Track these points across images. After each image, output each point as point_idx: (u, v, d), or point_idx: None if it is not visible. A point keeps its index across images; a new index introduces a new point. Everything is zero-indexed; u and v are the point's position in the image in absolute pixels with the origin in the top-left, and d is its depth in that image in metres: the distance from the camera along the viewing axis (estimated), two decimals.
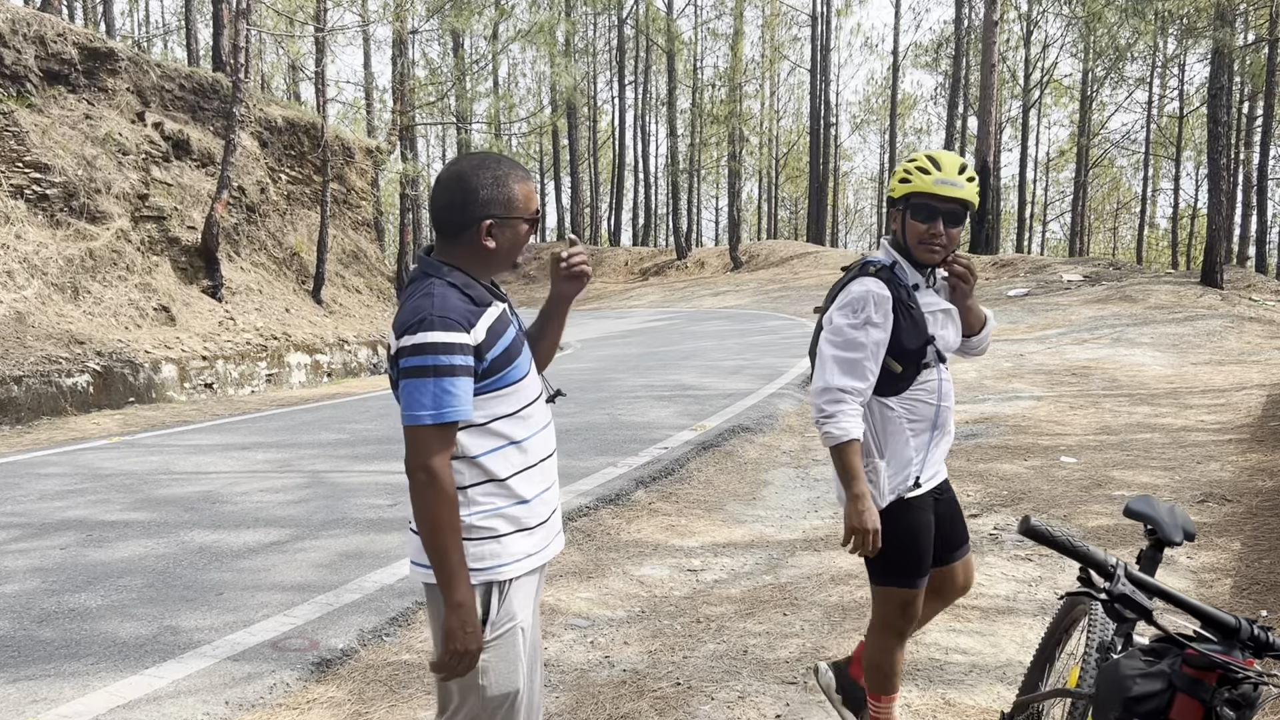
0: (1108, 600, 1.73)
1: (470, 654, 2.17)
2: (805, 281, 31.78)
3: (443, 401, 2.12)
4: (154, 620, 4.54)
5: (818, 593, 5.04)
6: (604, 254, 42.16)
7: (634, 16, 44.43)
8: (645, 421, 9.82)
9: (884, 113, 54.02)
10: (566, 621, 4.66)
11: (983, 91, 31.16)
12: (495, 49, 27.15)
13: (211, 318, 14.48)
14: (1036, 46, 44.79)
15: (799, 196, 62.54)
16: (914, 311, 2.91)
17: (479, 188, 2.26)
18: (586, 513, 6.44)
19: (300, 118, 19.51)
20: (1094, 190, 54.04)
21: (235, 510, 6.57)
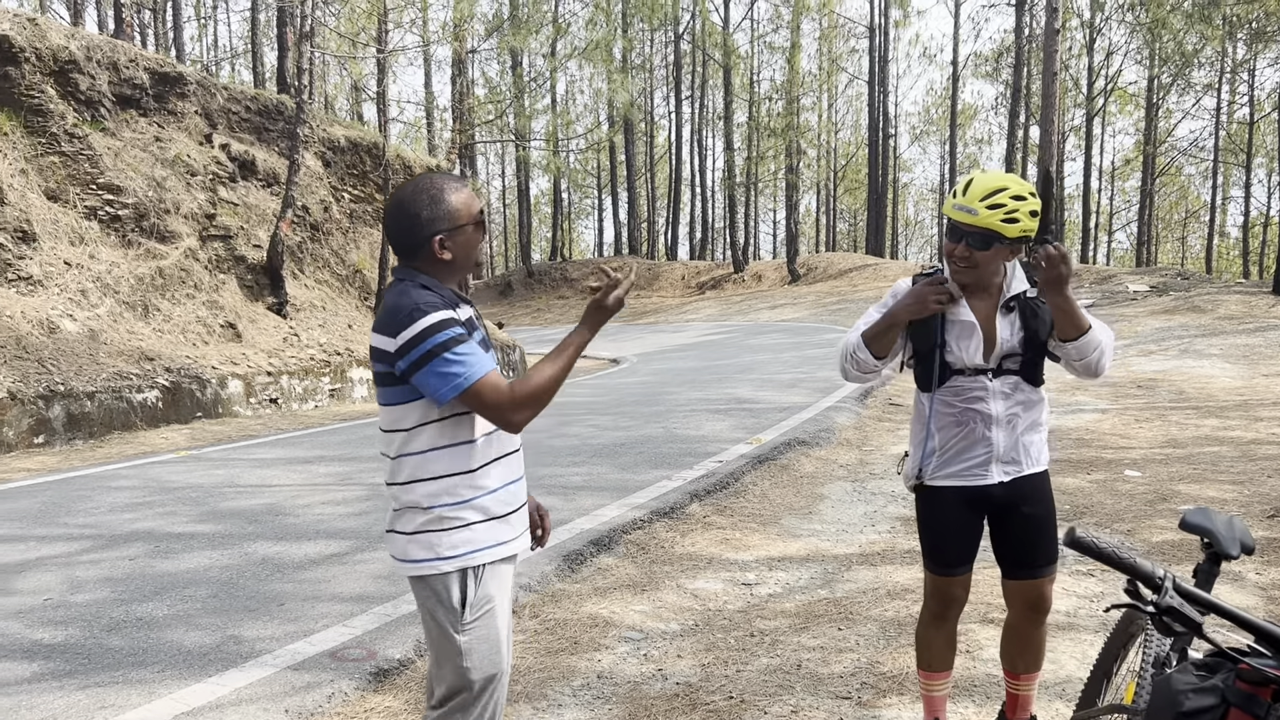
0: (1155, 613, 1.71)
1: (615, 293, 2.51)
2: (865, 294, 31.53)
3: (466, 362, 2.31)
4: (218, 630, 4.65)
5: (873, 607, 5.00)
6: (660, 268, 42.24)
7: (690, 32, 44.57)
8: (700, 435, 9.81)
9: (944, 123, 53.50)
10: (620, 634, 4.68)
11: (1044, 100, 30.70)
12: (553, 66, 27.41)
13: (276, 334, 14.78)
14: (1100, 54, 44.04)
15: (857, 208, 62.14)
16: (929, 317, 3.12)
17: (419, 209, 2.43)
18: (641, 525, 6.46)
19: (362, 137, 19.87)
20: (1161, 199, 52.92)
21: (297, 522, 6.70)
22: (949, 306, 3.10)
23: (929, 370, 3.18)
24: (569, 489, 7.52)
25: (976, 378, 3.13)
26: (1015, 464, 3.19)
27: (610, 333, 28.88)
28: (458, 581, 2.43)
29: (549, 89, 39.90)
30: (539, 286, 42.95)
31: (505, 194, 63.72)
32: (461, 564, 2.42)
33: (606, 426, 10.63)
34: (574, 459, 8.79)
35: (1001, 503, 3.20)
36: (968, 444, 3.17)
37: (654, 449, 9.14)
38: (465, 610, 2.43)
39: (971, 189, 2.98)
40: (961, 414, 3.15)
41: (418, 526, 2.44)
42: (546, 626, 4.79)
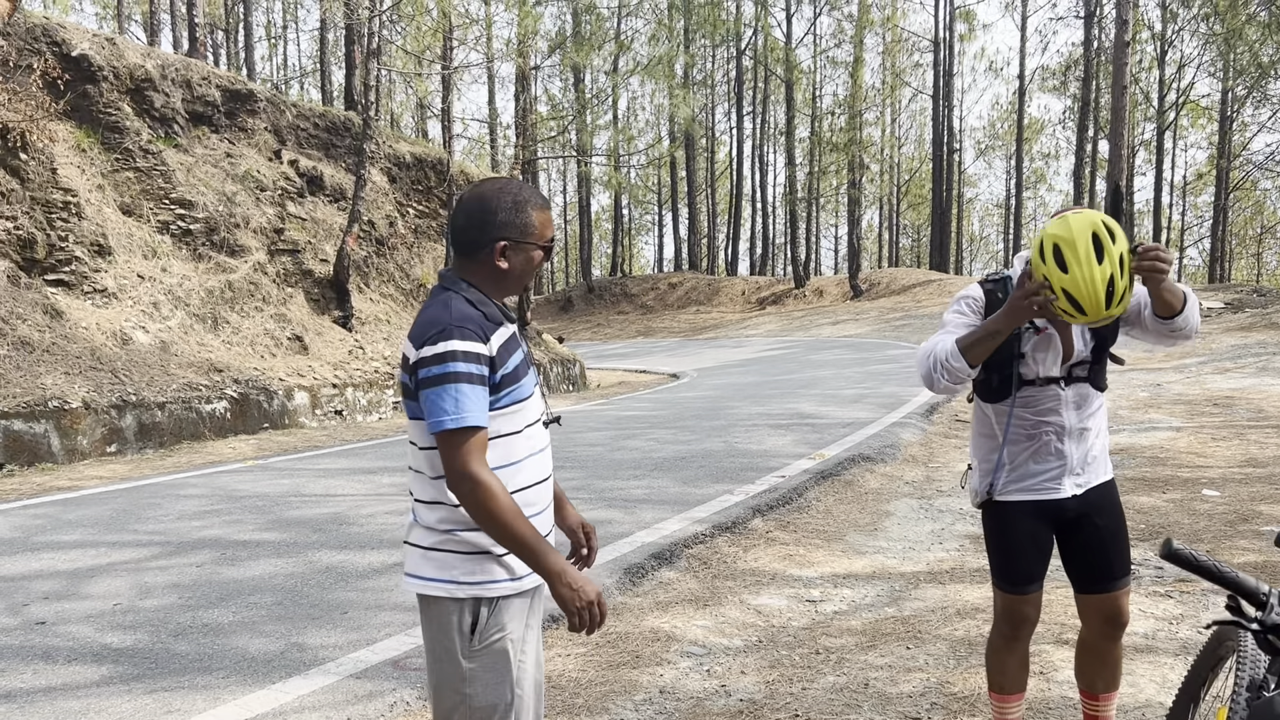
0: (1260, 631, 1.61)
1: (593, 603, 2.23)
2: (928, 310, 31.14)
3: (464, 406, 2.18)
4: (282, 637, 4.67)
5: (942, 626, 4.87)
6: (721, 283, 42.14)
7: (752, 47, 44.54)
8: (762, 450, 9.72)
9: (1010, 138, 52.78)
10: (682, 649, 4.61)
11: (1114, 114, 30.12)
12: (615, 83, 27.53)
13: (342, 347, 14.97)
14: (1171, 67, 43.16)
15: (921, 224, 61.49)
16: None
17: (498, 210, 2.33)
18: (703, 540, 6.39)
19: (427, 154, 20.11)
20: (1235, 214, 51.61)
21: (361, 532, 6.74)
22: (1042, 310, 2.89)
23: (1004, 381, 3.08)
24: (630, 502, 7.48)
25: (1048, 387, 3.05)
26: (1086, 474, 3.11)
27: (670, 348, 28.86)
28: (470, 608, 2.31)
29: (610, 105, 40.11)
30: (599, 302, 43.11)
31: (566, 210, 64.15)
32: (476, 593, 2.30)
33: (667, 440, 10.58)
34: (635, 472, 8.75)
35: (1074, 516, 3.12)
36: (1040, 456, 3.09)
37: (715, 463, 9.06)
38: (474, 637, 2.31)
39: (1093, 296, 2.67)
40: (1034, 426, 3.07)
41: (434, 543, 2.33)
42: (608, 640, 4.74)
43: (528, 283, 2.45)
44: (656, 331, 36.50)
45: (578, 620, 2.24)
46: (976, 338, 2.95)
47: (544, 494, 2.45)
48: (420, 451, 2.36)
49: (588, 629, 2.26)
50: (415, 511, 2.40)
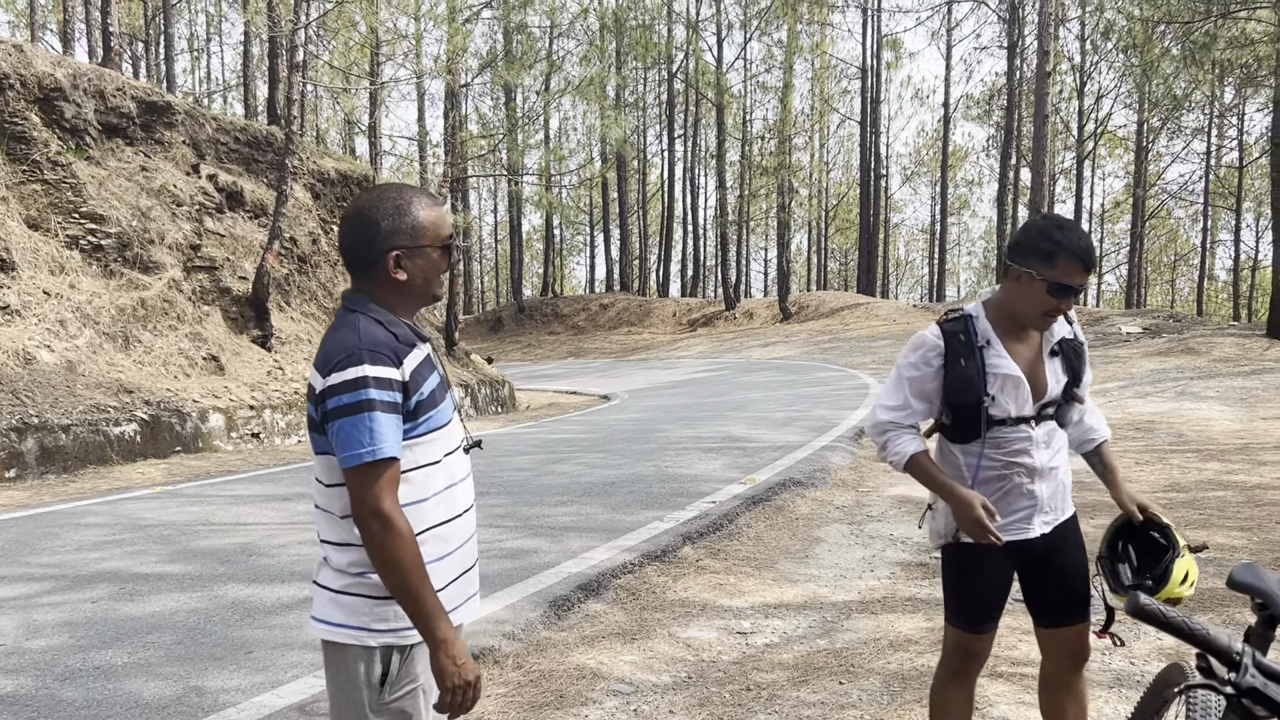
0: (1234, 695, 1.48)
1: (470, 684, 2.06)
2: (856, 333, 31.42)
3: (378, 437, 2.00)
4: (180, 680, 4.36)
5: (876, 659, 4.74)
6: (652, 305, 42.12)
7: (684, 71, 44.76)
8: (693, 474, 9.57)
9: (935, 164, 53.75)
10: (608, 687, 4.41)
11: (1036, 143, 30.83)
12: (546, 102, 27.39)
13: (260, 367, 14.51)
14: (1090, 97, 44.38)
15: (849, 248, 62.25)
16: (966, 367, 2.92)
17: (379, 219, 2.15)
18: (631, 570, 6.19)
19: (353, 170, 19.73)
20: (1151, 242, 53.16)
21: (272, 563, 6.42)
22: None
23: (971, 423, 2.94)
24: (556, 530, 7.26)
25: (1019, 427, 2.93)
26: (1053, 513, 3.03)
27: (601, 369, 28.69)
28: (381, 657, 2.12)
29: (542, 124, 39.94)
30: (530, 322, 42.80)
31: (497, 229, 63.76)
32: (389, 640, 2.12)
33: (596, 464, 10.38)
34: (562, 498, 8.53)
35: (1036, 553, 3.03)
36: (1009, 498, 2.97)
37: (645, 488, 8.88)
38: (385, 688, 2.13)
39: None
40: (1005, 467, 2.95)
41: (344, 586, 2.13)
42: (531, 678, 4.51)
43: (438, 290, 2.24)
44: (588, 352, 36.29)
45: (449, 699, 2.05)
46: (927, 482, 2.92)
47: (464, 527, 2.27)
48: (327, 489, 2.16)
49: (454, 711, 2.08)
50: (325, 552, 2.19)
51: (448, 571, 2.21)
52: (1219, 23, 21.47)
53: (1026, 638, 5.01)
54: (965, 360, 2.92)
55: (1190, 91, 37.27)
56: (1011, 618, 5.34)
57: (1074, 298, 2.84)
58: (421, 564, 2.04)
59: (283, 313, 16.11)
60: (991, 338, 2.94)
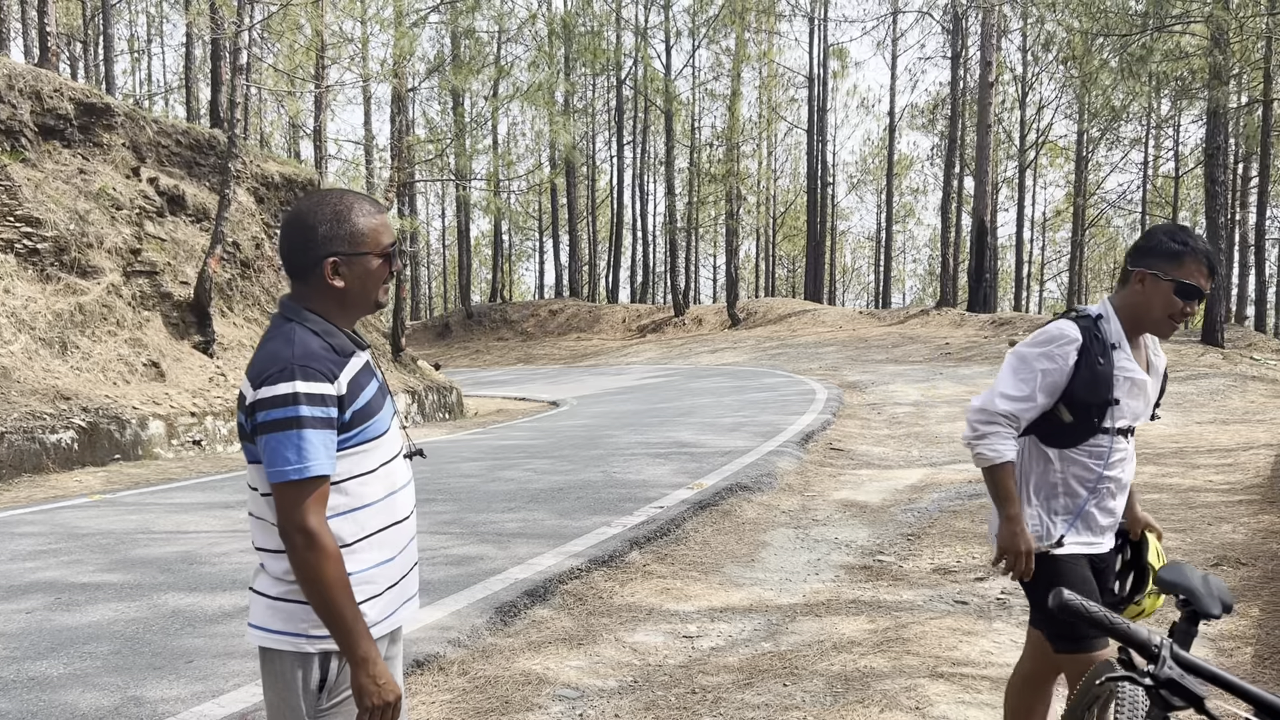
0: (1152, 686, 1.53)
1: (389, 705, 2.06)
2: (803, 339, 31.67)
3: (307, 454, 2.00)
4: (118, 690, 4.29)
5: (819, 661, 4.79)
6: (602, 311, 42.12)
7: (632, 77, 44.87)
8: (641, 480, 9.59)
9: (881, 173, 54.40)
10: (554, 692, 4.41)
11: (979, 152, 31.34)
12: (494, 107, 27.30)
13: (202, 373, 14.29)
14: (1032, 108, 45.20)
15: (796, 255, 62.75)
16: (1100, 366, 2.84)
17: (318, 224, 2.13)
18: (578, 575, 6.20)
19: (297, 174, 19.51)
20: (1090, 250, 54.21)
21: (213, 572, 6.33)
22: None
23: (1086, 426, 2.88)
24: (504, 536, 7.24)
25: (1118, 438, 2.90)
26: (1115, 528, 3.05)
27: (550, 375, 28.63)
28: (319, 664, 2.12)
29: (490, 130, 39.76)
30: (478, 328, 42.57)
31: (445, 234, 63.37)
32: (327, 647, 2.11)
33: (544, 470, 10.36)
34: (510, 504, 8.51)
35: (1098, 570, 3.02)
36: (1098, 510, 2.95)
37: (593, 494, 8.89)
38: (323, 695, 2.13)
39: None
40: (1100, 480, 2.91)
41: (282, 593, 2.13)
42: (476, 684, 4.50)
43: (380, 298, 2.21)
44: (537, 358, 36.19)
45: (367, 718, 2.05)
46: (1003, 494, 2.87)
47: (404, 533, 2.26)
48: (261, 497, 2.14)
49: None
50: (262, 559, 2.19)
51: (387, 577, 2.21)
52: (1155, 36, 21.98)
53: (966, 638, 5.09)
54: (1102, 358, 2.85)
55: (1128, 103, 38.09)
56: (952, 619, 5.43)
57: (1199, 301, 2.81)
58: (345, 581, 2.04)
59: (225, 318, 15.89)
60: (1122, 340, 2.89)
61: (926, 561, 6.78)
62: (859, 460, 11.19)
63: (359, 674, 2.03)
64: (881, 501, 8.88)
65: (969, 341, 26.23)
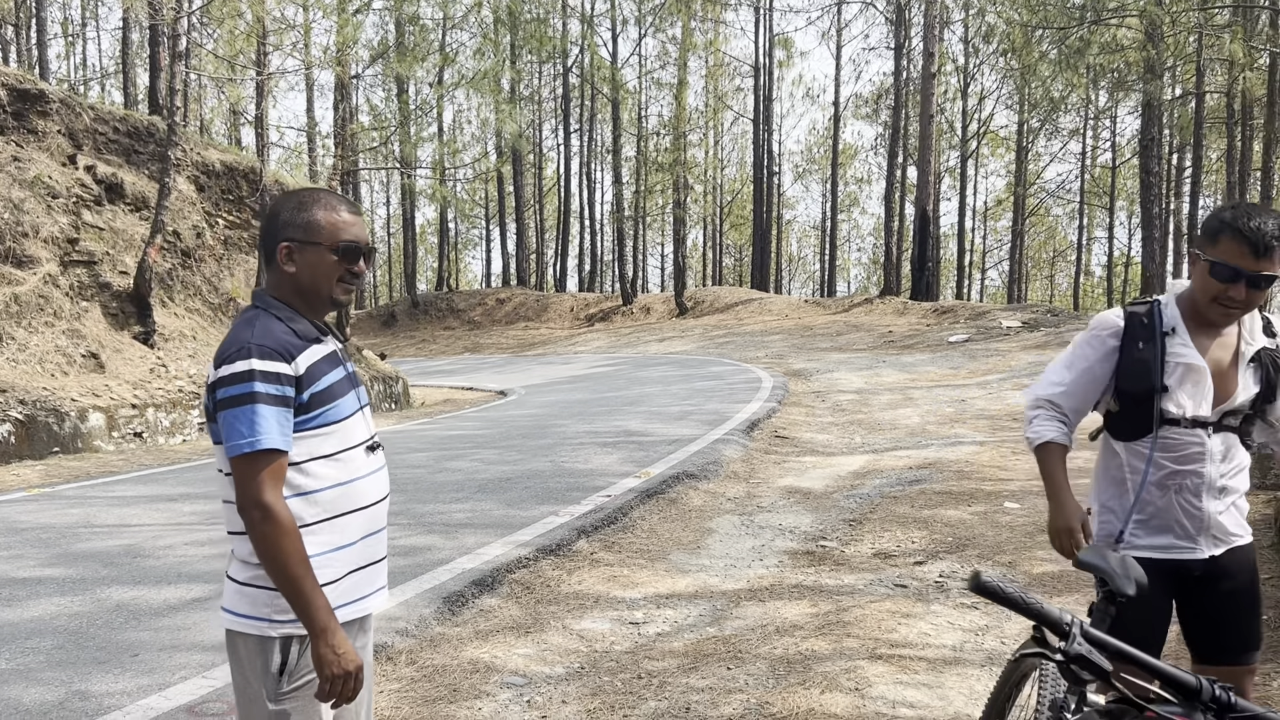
0: (1063, 661, 1.63)
1: (350, 674, 2.12)
2: (750, 327, 31.90)
3: (259, 428, 2.08)
4: (62, 685, 4.27)
5: (762, 645, 4.90)
6: (549, 300, 42.05)
7: (579, 65, 44.74)
8: (589, 469, 9.65)
9: (826, 162, 54.80)
10: (502, 680, 4.47)
11: (921, 142, 31.76)
12: (439, 95, 27.10)
13: (143, 365, 14.09)
14: (973, 98, 45.79)
15: (743, 244, 63.06)
16: (1143, 350, 2.74)
17: (281, 212, 2.27)
18: (526, 564, 6.26)
19: (239, 162, 19.23)
20: (1031, 239, 55.13)
21: (157, 565, 6.29)
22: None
23: (1141, 417, 2.75)
24: (451, 526, 7.27)
25: (1195, 431, 2.70)
26: (1224, 536, 2.78)
27: (498, 364, 28.55)
28: (279, 647, 2.20)
29: (435, 117, 39.46)
30: (424, 317, 42.27)
31: (390, 223, 62.75)
32: (289, 631, 2.19)
33: (492, 460, 10.39)
34: (457, 494, 8.53)
35: (1201, 579, 2.79)
36: (1172, 510, 2.76)
37: (541, 483, 8.94)
38: (283, 679, 2.20)
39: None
40: (1173, 475, 2.73)
41: (248, 578, 2.21)
42: (424, 673, 4.55)
43: (334, 295, 2.29)
44: (484, 348, 36.05)
45: (328, 688, 2.12)
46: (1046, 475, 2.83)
47: (368, 521, 2.33)
48: (227, 478, 2.23)
49: (335, 700, 2.16)
50: (233, 544, 2.27)
51: (347, 561, 2.28)
52: (1092, 29, 22.39)
53: (905, 621, 5.24)
54: (1144, 344, 2.74)
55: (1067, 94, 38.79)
56: (891, 602, 5.58)
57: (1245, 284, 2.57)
58: (303, 554, 2.10)
59: (166, 309, 15.65)
60: (1179, 326, 2.74)
61: (868, 546, 6.93)
62: (803, 447, 11.35)
63: (318, 644, 2.09)
64: (825, 488, 9.03)
65: (911, 329, 26.61)
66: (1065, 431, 2.88)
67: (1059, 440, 2.85)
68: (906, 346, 23.78)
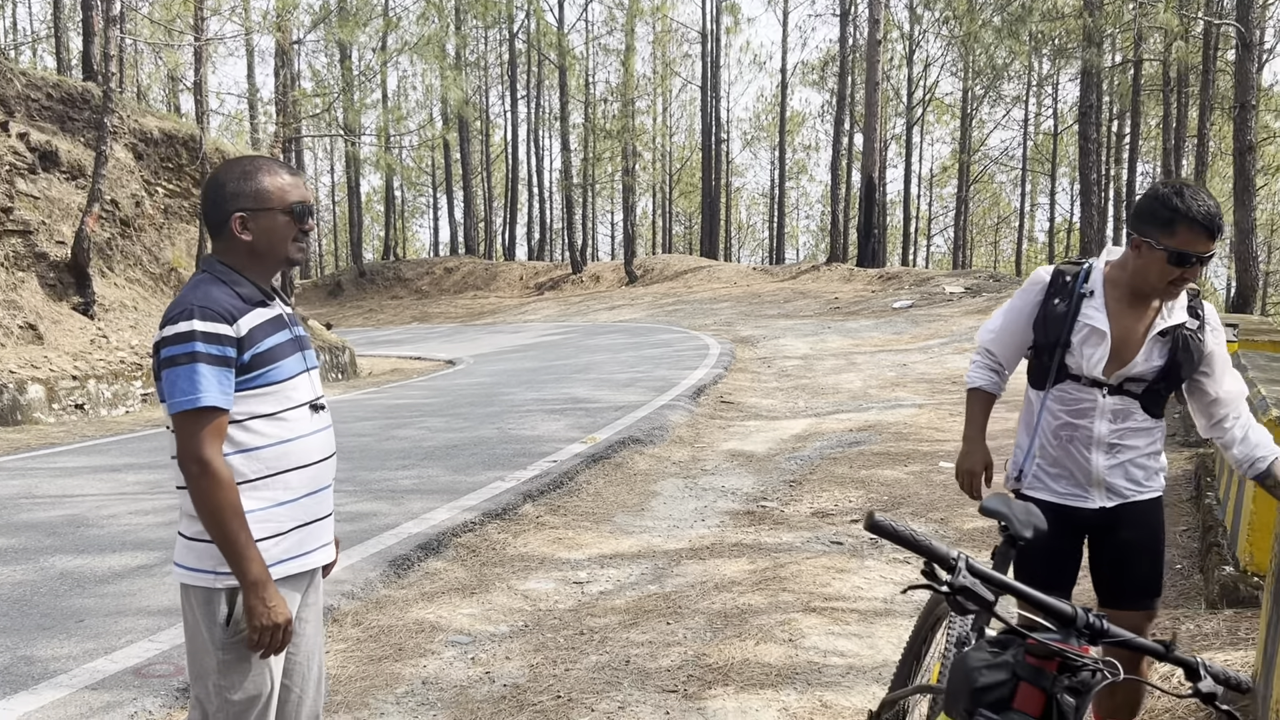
0: (949, 593, 1.76)
1: (278, 626, 2.23)
2: (699, 295, 32.06)
3: (199, 386, 2.17)
4: (6, 651, 4.30)
5: (701, 600, 5.05)
6: (498, 268, 41.87)
7: (525, 31, 44.33)
8: (535, 435, 9.75)
9: (774, 129, 54.92)
10: (447, 639, 4.58)
11: (867, 109, 31.95)
12: (383, 61, 26.76)
13: (83, 336, 13.90)
14: (919, 65, 46.14)
15: (693, 211, 63.14)
16: (1058, 307, 2.93)
17: (227, 182, 2.34)
18: (472, 528, 6.35)
19: (178, 129, 18.91)
20: (975, 205, 55.80)
21: (102, 534, 6.30)
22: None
23: (1045, 367, 2.96)
24: (398, 493, 7.34)
25: (1090, 389, 2.90)
26: (1118, 491, 2.95)
27: (446, 334, 28.45)
28: (225, 599, 2.30)
29: (379, 84, 38.91)
30: (371, 286, 41.90)
31: (335, 191, 61.92)
32: (231, 583, 2.28)
33: (439, 428, 10.44)
34: (404, 462, 8.59)
35: (1100, 527, 2.98)
36: (1066, 459, 2.96)
37: (488, 450, 9.02)
38: (228, 628, 2.30)
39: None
40: (1065, 426, 2.94)
41: (196, 533, 2.31)
42: (370, 634, 4.64)
43: (292, 254, 2.39)
44: (432, 317, 35.86)
45: (257, 639, 2.24)
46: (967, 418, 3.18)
47: (312, 478, 2.43)
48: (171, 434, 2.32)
49: (263, 651, 2.27)
50: (180, 499, 2.36)
51: (291, 517, 2.38)
52: None
53: (840, 576, 5.42)
54: (1060, 301, 2.92)
55: (1010, 61, 39.26)
56: (827, 559, 5.76)
57: (1199, 265, 2.73)
58: (238, 508, 2.20)
59: (105, 279, 15.43)
60: (1098, 290, 2.90)
61: (806, 506, 7.12)
62: (748, 412, 11.53)
63: (249, 596, 2.21)
64: (767, 451, 9.22)
65: (857, 296, 26.93)
66: (995, 380, 3.15)
67: (986, 388, 3.13)
68: (852, 313, 24.08)
